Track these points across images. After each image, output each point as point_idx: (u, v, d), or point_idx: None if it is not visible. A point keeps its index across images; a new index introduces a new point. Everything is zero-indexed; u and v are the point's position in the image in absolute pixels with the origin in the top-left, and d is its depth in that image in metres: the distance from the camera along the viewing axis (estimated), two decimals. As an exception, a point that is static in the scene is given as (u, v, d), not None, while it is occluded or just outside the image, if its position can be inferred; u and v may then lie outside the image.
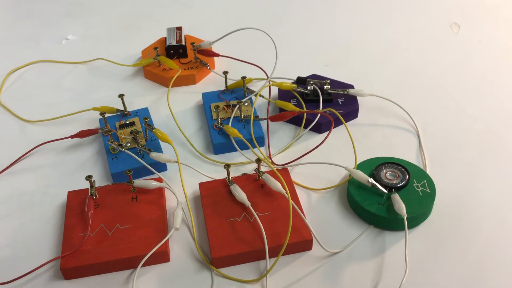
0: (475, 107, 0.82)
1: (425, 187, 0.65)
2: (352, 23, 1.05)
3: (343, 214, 0.66)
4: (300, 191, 0.69)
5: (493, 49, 0.96)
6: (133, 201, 0.65)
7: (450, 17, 1.05)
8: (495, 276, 0.58)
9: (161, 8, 1.13)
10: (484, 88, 0.87)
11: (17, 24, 1.09)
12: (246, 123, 0.77)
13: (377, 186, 0.63)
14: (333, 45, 0.98)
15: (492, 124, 0.79)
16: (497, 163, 0.72)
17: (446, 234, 0.63)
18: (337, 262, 0.60)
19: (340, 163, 0.68)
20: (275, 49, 0.84)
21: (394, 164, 0.67)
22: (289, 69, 0.86)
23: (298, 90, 0.81)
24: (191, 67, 0.90)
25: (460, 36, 1.00)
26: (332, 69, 0.91)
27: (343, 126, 0.75)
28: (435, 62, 0.93)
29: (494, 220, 0.64)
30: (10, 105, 0.87)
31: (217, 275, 0.59)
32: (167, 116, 0.81)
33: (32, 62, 0.97)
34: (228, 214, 0.63)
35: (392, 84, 0.87)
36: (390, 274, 0.58)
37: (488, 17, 1.05)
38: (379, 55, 0.95)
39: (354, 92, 0.80)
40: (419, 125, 0.79)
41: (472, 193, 0.68)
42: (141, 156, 0.71)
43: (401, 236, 0.62)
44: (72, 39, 1.04)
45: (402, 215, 0.61)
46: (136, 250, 0.59)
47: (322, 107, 0.78)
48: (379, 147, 0.75)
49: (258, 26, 0.86)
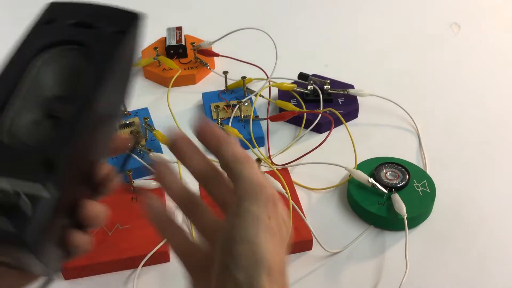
0: (475, 107, 0.82)
1: (425, 187, 0.65)
2: (352, 23, 1.05)
3: (343, 214, 0.66)
4: (300, 191, 0.68)
5: (493, 49, 0.96)
6: (133, 201, 0.65)
7: (450, 17, 1.05)
8: (495, 276, 0.58)
9: (161, 8, 1.13)
10: (484, 88, 0.87)
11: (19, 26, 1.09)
12: (246, 123, 0.77)
13: (377, 186, 0.63)
14: (333, 45, 0.98)
15: (492, 124, 0.79)
16: (497, 163, 0.72)
17: (446, 234, 0.63)
18: (337, 262, 0.60)
19: (340, 163, 0.68)
20: (275, 49, 0.84)
21: (394, 164, 0.67)
22: (289, 69, 0.86)
23: (298, 90, 0.81)
24: (191, 67, 0.90)
25: (460, 36, 1.00)
26: (332, 69, 0.91)
27: (343, 126, 0.75)
28: (435, 62, 0.93)
29: (494, 220, 0.64)
30: (10, 105, 0.86)
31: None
32: (167, 116, 0.81)
33: (32, 62, 0.96)
34: (228, 214, 0.63)
35: (392, 84, 0.87)
36: (390, 274, 0.58)
37: (488, 17, 1.05)
38: (379, 55, 0.95)
39: (354, 92, 0.80)
40: (419, 125, 0.78)
41: (472, 193, 0.68)
42: (141, 156, 0.71)
43: (401, 236, 0.62)
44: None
45: (402, 215, 0.61)
46: (136, 250, 0.59)
47: (322, 107, 0.78)
48: (379, 147, 0.75)
49: (258, 26, 0.86)
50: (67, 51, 0.34)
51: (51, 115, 0.32)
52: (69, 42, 0.34)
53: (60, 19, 0.35)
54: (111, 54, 0.33)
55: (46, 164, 0.28)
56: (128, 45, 0.35)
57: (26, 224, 0.27)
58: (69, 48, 0.34)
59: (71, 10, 0.36)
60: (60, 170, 0.29)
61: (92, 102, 0.31)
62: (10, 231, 0.27)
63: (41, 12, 0.36)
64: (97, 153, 0.35)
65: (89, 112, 0.31)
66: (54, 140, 0.30)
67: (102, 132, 0.35)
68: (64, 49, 0.34)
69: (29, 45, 0.34)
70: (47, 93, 0.33)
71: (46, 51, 0.34)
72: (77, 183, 0.32)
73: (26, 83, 0.32)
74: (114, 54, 0.33)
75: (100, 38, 0.34)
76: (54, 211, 0.29)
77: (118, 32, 0.34)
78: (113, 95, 0.35)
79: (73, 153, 0.30)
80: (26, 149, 0.30)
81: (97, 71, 0.32)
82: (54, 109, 0.32)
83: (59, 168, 0.29)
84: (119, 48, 0.33)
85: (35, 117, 0.32)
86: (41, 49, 0.34)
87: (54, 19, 0.35)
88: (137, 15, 0.35)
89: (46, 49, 0.34)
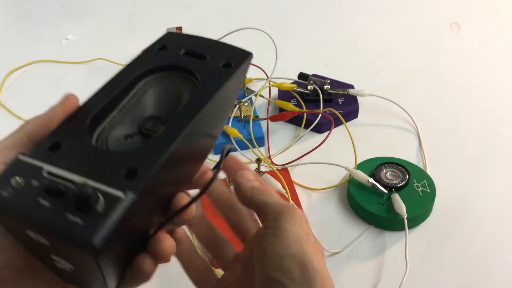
0: (475, 107, 0.82)
1: (425, 187, 0.65)
2: (352, 23, 1.05)
3: (343, 214, 0.66)
4: (300, 191, 0.68)
5: (493, 49, 0.96)
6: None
7: (450, 17, 1.05)
8: (495, 275, 0.58)
9: (161, 8, 1.13)
10: (484, 88, 0.87)
11: (17, 24, 1.09)
12: (246, 123, 0.77)
13: (377, 186, 0.63)
14: (333, 45, 0.98)
15: (492, 124, 0.79)
16: (497, 163, 0.72)
17: (446, 234, 0.63)
18: (337, 262, 0.60)
19: (340, 163, 0.68)
20: (275, 49, 0.84)
21: (394, 164, 0.67)
22: (289, 69, 0.86)
23: (298, 90, 0.81)
24: (191, 67, 0.90)
25: (460, 36, 1.00)
26: (332, 69, 0.91)
27: (343, 126, 0.75)
28: (435, 62, 0.93)
29: (494, 220, 0.64)
30: (10, 105, 0.87)
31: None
32: (167, 116, 0.81)
33: (32, 62, 0.97)
34: (228, 214, 0.63)
35: (392, 84, 0.87)
36: (390, 274, 0.58)
37: (488, 17, 1.05)
38: (379, 55, 0.95)
39: (354, 92, 0.80)
40: (419, 125, 0.78)
41: (472, 193, 0.68)
42: None
43: (401, 236, 0.62)
44: (72, 39, 1.04)
45: (402, 215, 0.61)
46: (136, 250, 0.59)
47: (322, 107, 0.78)
48: (379, 147, 0.75)
49: (258, 26, 0.86)
50: (175, 77, 0.36)
51: (143, 132, 0.33)
52: (179, 68, 0.36)
53: (172, 48, 0.37)
54: (217, 86, 0.34)
55: (129, 171, 0.29)
56: (234, 80, 0.36)
57: (99, 224, 0.27)
58: (178, 74, 0.36)
59: (185, 40, 0.38)
60: (141, 180, 0.28)
61: (187, 124, 0.31)
62: (81, 227, 0.27)
63: (157, 39, 0.38)
64: (180, 177, 0.34)
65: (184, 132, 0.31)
66: (142, 151, 0.30)
67: (191, 158, 0.35)
68: (172, 74, 0.36)
69: (139, 65, 0.36)
70: (146, 112, 0.34)
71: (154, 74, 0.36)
72: (155, 202, 0.32)
73: (129, 100, 0.34)
74: (219, 86, 0.34)
75: (209, 70, 0.35)
76: (129, 220, 0.28)
77: (226, 65, 0.35)
78: (209, 123, 0.35)
79: (157, 168, 0.29)
80: (113, 155, 0.30)
81: (200, 100, 0.33)
82: (147, 127, 0.33)
83: (141, 178, 0.28)
84: (225, 81, 0.34)
85: (129, 131, 0.33)
86: (151, 71, 0.36)
87: (166, 46, 0.37)
88: (248, 53, 0.37)
89: (155, 72, 0.36)
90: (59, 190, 0.28)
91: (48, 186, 0.28)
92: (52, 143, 0.31)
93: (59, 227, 0.27)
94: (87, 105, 0.33)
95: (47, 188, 0.28)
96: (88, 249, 0.26)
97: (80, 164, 0.29)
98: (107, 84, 0.34)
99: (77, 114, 0.33)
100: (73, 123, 0.32)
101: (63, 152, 0.30)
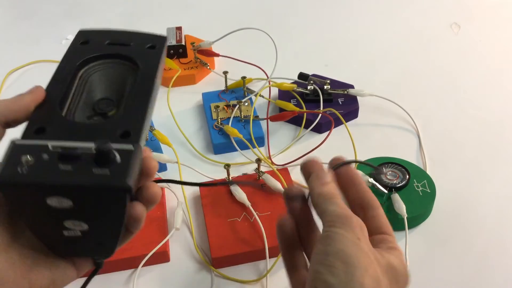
0: (475, 107, 0.82)
1: (425, 187, 0.65)
2: (352, 23, 1.05)
3: (343, 214, 0.66)
4: (300, 191, 0.68)
5: (493, 49, 0.96)
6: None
7: (450, 17, 1.05)
8: (495, 275, 0.58)
9: (161, 8, 1.13)
10: (484, 88, 0.87)
11: (17, 24, 1.09)
12: (246, 123, 0.77)
13: (377, 186, 0.63)
14: (333, 45, 0.98)
15: (492, 124, 0.79)
16: (497, 163, 0.72)
17: (446, 234, 0.63)
18: (337, 262, 0.60)
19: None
20: (275, 49, 0.84)
21: (394, 164, 0.67)
22: (289, 69, 0.86)
23: (298, 90, 0.81)
24: (191, 67, 0.90)
25: (460, 36, 1.00)
26: (332, 69, 0.91)
27: (343, 126, 0.75)
28: (435, 62, 0.93)
29: (494, 220, 0.64)
30: (10, 105, 0.86)
31: (217, 276, 0.59)
32: (167, 116, 0.81)
33: (32, 62, 0.96)
34: (228, 214, 0.63)
35: (392, 84, 0.87)
36: (390, 274, 0.58)
37: (488, 17, 1.05)
38: (379, 55, 0.95)
39: (354, 92, 0.80)
40: (419, 125, 0.78)
41: (472, 193, 0.68)
42: None
43: (401, 236, 0.62)
44: (72, 39, 1.04)
45: (402, 215, 0.61)
46: (136, 250, 0.59)
47: (322, 107, 0.78)
48: (379, 147, 0.75)
49: (258, 26, 0.86)
50: (112, 63, 0.40)
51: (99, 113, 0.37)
52: (110, 56, 0.40)
53: (94, 41, 0.41)
54: (156, 61, 0.39)
55: (124, 133, 0.34)
56: (162, 59, 0.40)
57: (125, 170, 0.31)
58: (114, 61, 0.40)
59: (102, 33, 0.42)
60: (135, 137, 0.34)
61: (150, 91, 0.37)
62: (109, 176, 0.31)
63: (74, 38, 0.42)
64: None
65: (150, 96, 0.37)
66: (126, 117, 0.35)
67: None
68: (111, 61, 0.40)
69: (71, 59, 0.40)
70: (96, 96, 0.38)
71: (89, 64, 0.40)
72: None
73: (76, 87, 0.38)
74: (157, 61, 0.39)
75: (139, 52, 0.40)
76: (137, 166, 0.33)
77: (152, 47, 0.40)
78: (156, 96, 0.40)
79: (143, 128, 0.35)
80: (100, 126, 0.35)
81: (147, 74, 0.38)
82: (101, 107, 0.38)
83: (134, 136, 0.34)
84: (159, 58, 0.39)
85: (87, 113, 0.37)
86: (85, 61, 0.40)
87: (88, 41, 0.41)
88: (164, 37, 0.42)
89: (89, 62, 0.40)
90: (77, 154, 0.31)
91: (63, 154, 0.31)
92: (36, 128, 0.34)
93: (90, 181, 0.30)
94: (48, 95, 0.37)
95: (62, 156, 0.31)
96: (122, 190, 0.31)
97: (75, 136, 0.33)
98: (54, 76, 0.38)
99: (45, 104, 0.36)
100: (46, 110, 0.36)
101: (50, 132, 0.34)
